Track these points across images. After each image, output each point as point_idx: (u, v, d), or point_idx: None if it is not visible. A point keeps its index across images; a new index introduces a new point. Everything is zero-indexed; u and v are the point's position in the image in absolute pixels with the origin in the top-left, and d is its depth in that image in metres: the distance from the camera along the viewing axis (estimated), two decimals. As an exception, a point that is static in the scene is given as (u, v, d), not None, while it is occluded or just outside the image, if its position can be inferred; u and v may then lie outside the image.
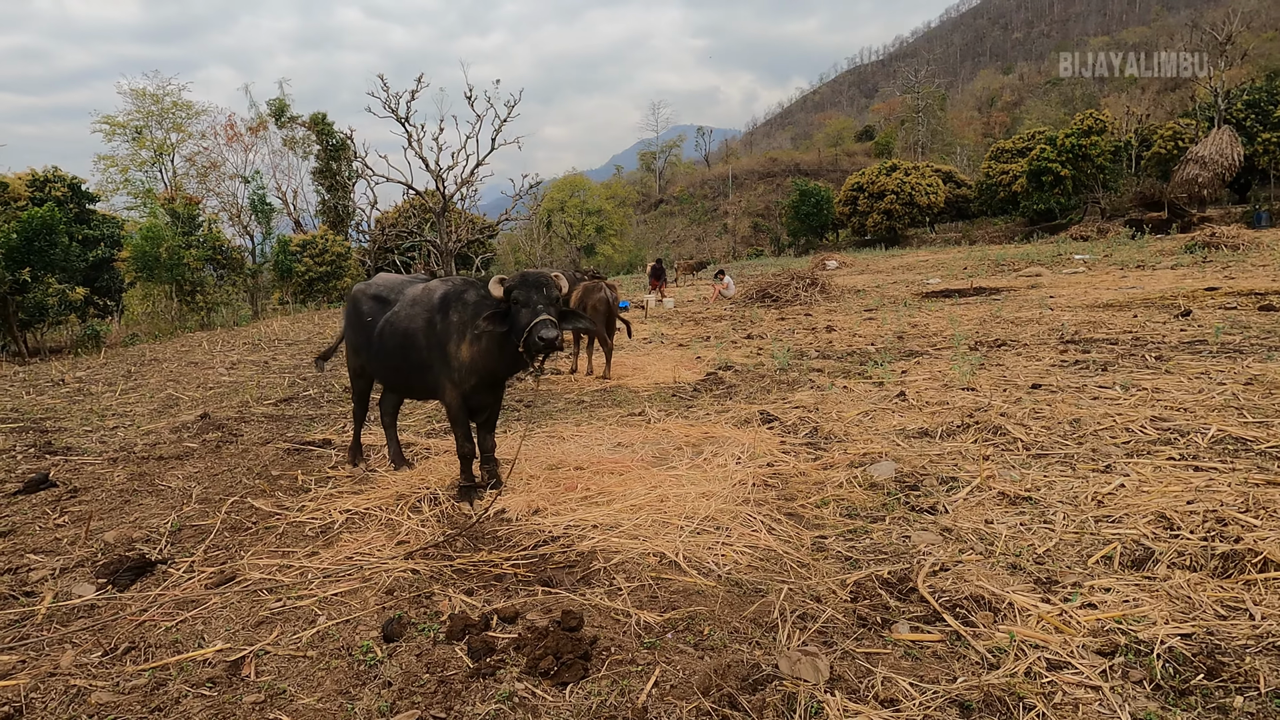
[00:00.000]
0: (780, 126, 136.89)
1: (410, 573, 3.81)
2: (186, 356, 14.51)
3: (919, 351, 9.84)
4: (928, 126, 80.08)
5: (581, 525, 4.38)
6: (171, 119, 43.31)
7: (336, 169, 42.89)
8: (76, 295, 20.80)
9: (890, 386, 7.68)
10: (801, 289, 18.00)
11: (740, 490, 4.82)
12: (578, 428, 6.81)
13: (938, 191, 48.28)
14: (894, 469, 5.08)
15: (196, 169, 43.00)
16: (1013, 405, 6.54)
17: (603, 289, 9.29)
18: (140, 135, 42.10)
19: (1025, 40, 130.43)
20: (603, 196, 71.60)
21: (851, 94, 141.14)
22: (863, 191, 49.31)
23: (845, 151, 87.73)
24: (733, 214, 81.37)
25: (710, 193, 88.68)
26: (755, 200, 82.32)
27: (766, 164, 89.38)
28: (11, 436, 7.37)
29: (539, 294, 4.43)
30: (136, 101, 42.31)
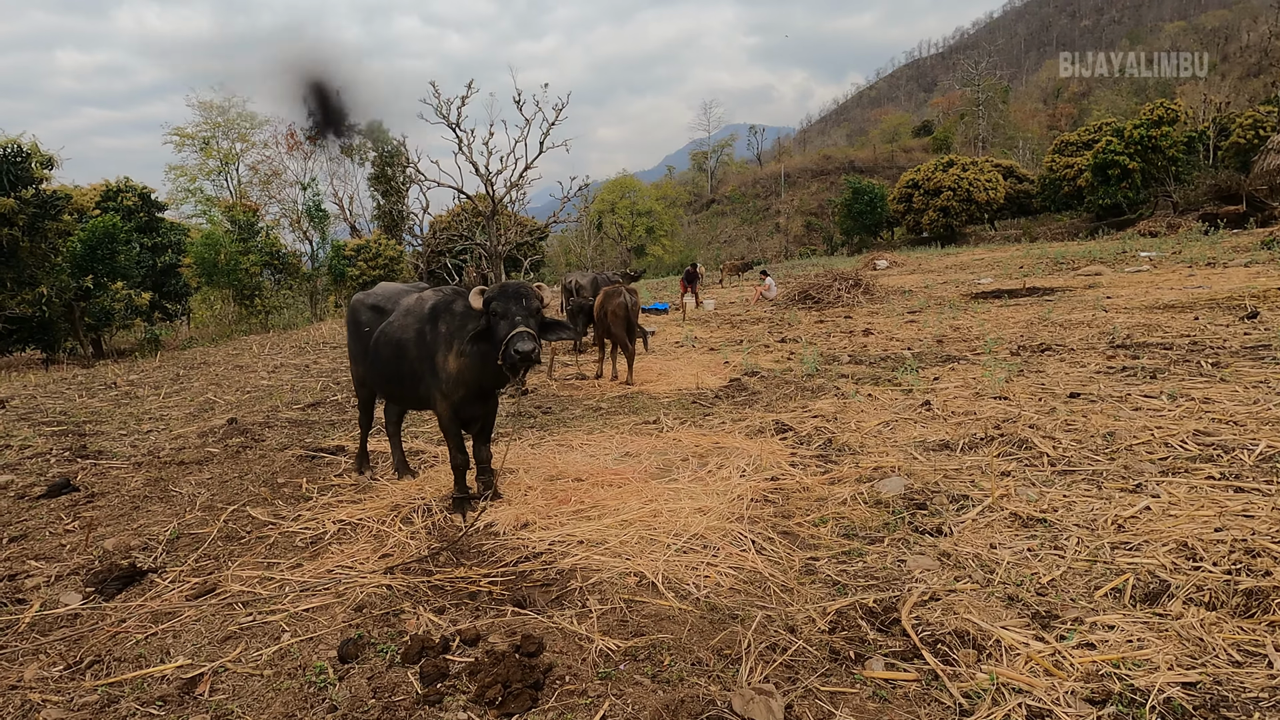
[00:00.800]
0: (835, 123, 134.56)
1: (385, 588, 3.76)
2: (235, 360, 14.97)
3: (957, 357, 9.43)
4: (989, 120, 77.62)
5: (567, 541, 4.27)
6: (236, 129, 44.94)
7: (391, 175, 43.85)
8: (142, 300, 21.76)
9: (918, 395, 7.35)
10: (844, 290, 17.55)
11: (737, 506, 4.64)
12: (589, 436, 6.71)
13: (997, 187, 46.62)
14: (903, 485, 4.82)
15: (259, 177, 44.57)
16: (1045, 416, 6.17)
17: (622, 294, 9.18)
18: (207, 145, 43.85)
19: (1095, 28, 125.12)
20: (653, 197, 71.58)
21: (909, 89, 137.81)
22: (918, 188, 47.98)
23: (902, 148, 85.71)
24: (785, 213, 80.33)
25: (762, 192, 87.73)
26: (808, 199, 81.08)
27: (820, 162, 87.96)
28: (52, 439, 7.67)
29: (517, 305, 4.33)
30: (204, 113, 44.06)
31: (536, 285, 4.66)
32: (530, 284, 4.58)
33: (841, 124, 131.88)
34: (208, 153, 43.15)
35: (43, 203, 15.65)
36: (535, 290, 4.51)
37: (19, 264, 15.35)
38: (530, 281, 4.75)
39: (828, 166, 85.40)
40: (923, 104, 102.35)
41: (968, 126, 79.73)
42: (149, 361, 16.18)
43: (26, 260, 15.43)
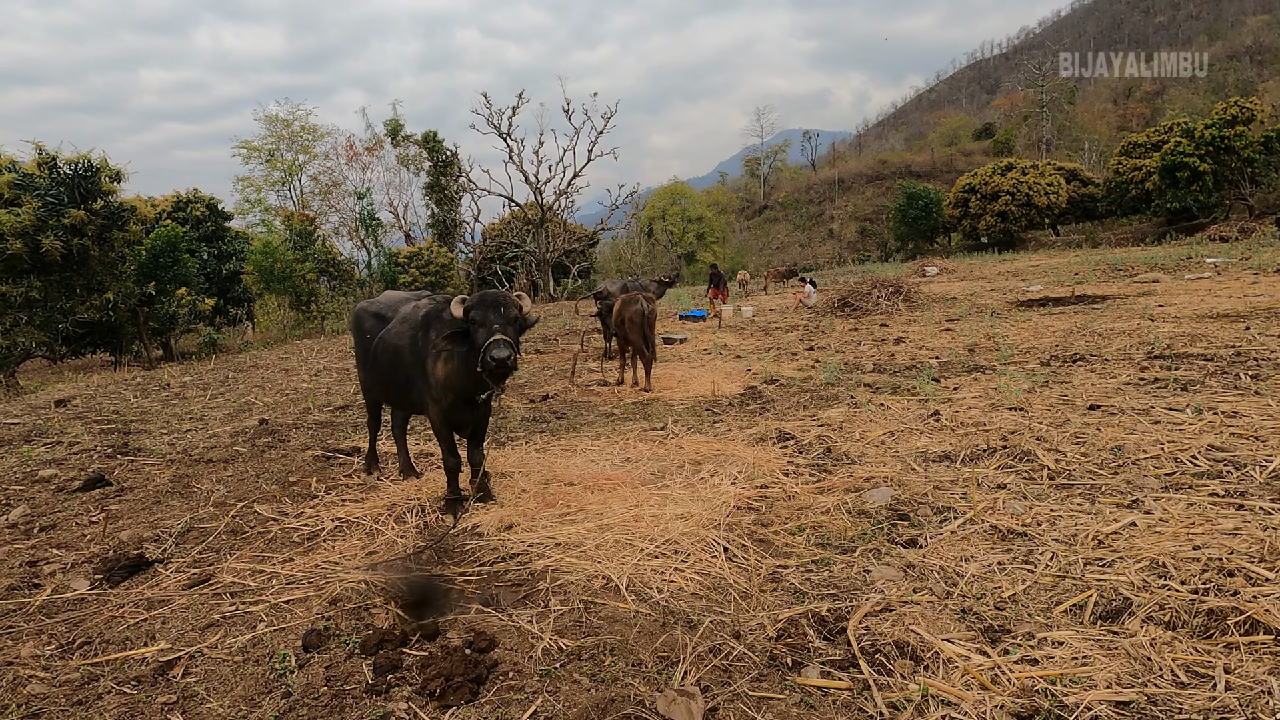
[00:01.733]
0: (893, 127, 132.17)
1: (364, 584, 3.92)
2: (282, 363, 15.61)
3: (984, 366, 9.22)
4: (1053, 122, 75.23)
5: (545, 543, 4.37)
6: (300, 141, 46.74)
7: (445, 184, 44.93)
8: (205, 306, 22.85)
9: (932, 405, 7.23)
10: (884, 298, 17.28)
11: (719, 513, 4.67)
12: (594, 441, 6.81)
13: (1059, 191, 45.07)
14: (889, 496, 4.78)
15: (320, 187, 46.21)
16: (1056, 429, 6.02)
17: (639, 301, 9.26)
18: (272, 157, 45.70)
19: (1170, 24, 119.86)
20: (704, 204, 71.57)
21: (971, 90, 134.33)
22: (975, 193, 46.76)
23: (961, 151, 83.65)
24: (839, 219, 79.24)
25: (816, 197, 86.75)
26: (862, 204, 79.80)
27: (875, 166, 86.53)
28: (99, 436, 8.17)
29: (495, 314, 4.44)
30: (270, 127, 45.99)
31: (517, 295, 4.75)
32: (510, 293, 4.67)
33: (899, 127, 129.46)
34: (272, 164, 45.04)
35: (110, 214, 16.68)
36: (515, 299, 4.62)
37: (89, 272, 16.40)
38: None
39: (883, 171, 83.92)
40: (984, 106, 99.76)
41: (1031, 129, 77.39)
42: (204, 364, 16.99)
43: (95, 268, 16.47)
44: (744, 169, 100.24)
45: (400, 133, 47.82)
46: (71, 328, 16.26)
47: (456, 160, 43.33)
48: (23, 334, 15.10)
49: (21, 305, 15.05)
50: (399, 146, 48.33)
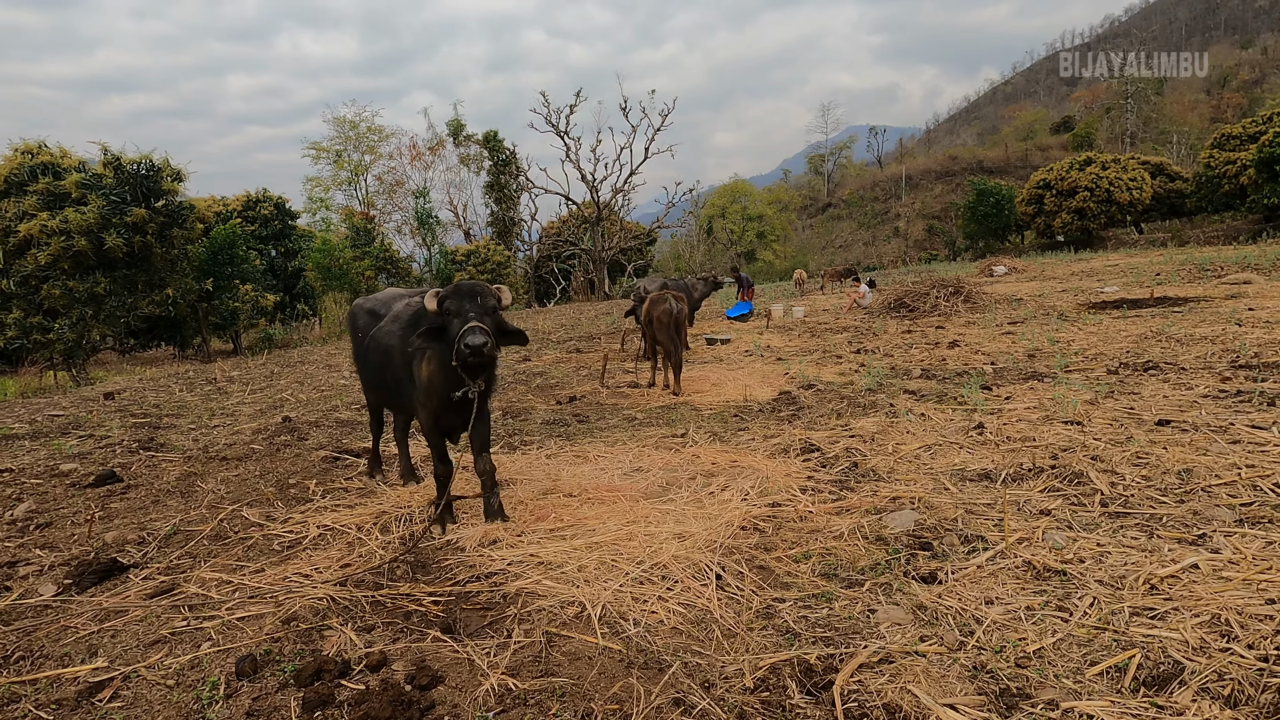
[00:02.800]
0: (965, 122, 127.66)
1: (328, 600, 3.67)
2: (330, 359, 15.79)
3: (1044, 374, 8.50)
4: (1138, 114, 71.26)
5: (527, 562, 4.05)
6: (366, 142, 47.88)
7: (504, 183, 45.35)
8: (267, 301, 23.46)
9: (979, 415, 6.63)
10: (942, 298, 16.41)
11: (721, 533, 4.26)
12: (609, 448, 6.47)
13: (1142, 186, 42.50)
14: (913, 521, 4.28)
15: (384, 187, 47.24)
16: (1116, 446, 5.37)
17: (667, 301, 8.87)
18: (340, 158, 46.93)
19: (1271, 8, 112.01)
20: (765, 201, 70.46)
21: (1050, 82, 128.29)
22: (1049, 189, 44.55)
23: (1037, 146, 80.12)
24: (905, 217, 76.91)
25: (882, 195, 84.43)
26: (931, 202, 77.24)
27: (945, 163, 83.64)
28: (130, 430, 8.26)
29: (471, 304, 4.19)
30: (338, 128, 47.26)
31: (496, 287, 4.45)
32: (488, 285, 4.40)
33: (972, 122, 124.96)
34: (339, 164, 46.29)
35: (171, 212, 17.25)
36: (493, 290, 4.34)
37: (151, 268, 16.99)
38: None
39: (953, 167, 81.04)
40: (1063, 99, 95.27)
41: (1114, 121, 73.55)
42: (257, 359, 17.35)
43: (157, 265, 17.06)
44: (807, 166, 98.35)
45: (461, 132, 48.48)
46: (135, 322, 16.90)
47: (515, 159, 43.67)
48: (89, 328, 15.75)
49: (88, 300, 15.70)
50: (460, 146, 49.00)
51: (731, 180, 72.51)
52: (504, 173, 44.86)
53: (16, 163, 16.06)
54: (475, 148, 48.08)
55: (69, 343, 15.45)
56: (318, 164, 46.43)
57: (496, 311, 4.30)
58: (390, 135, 47.25)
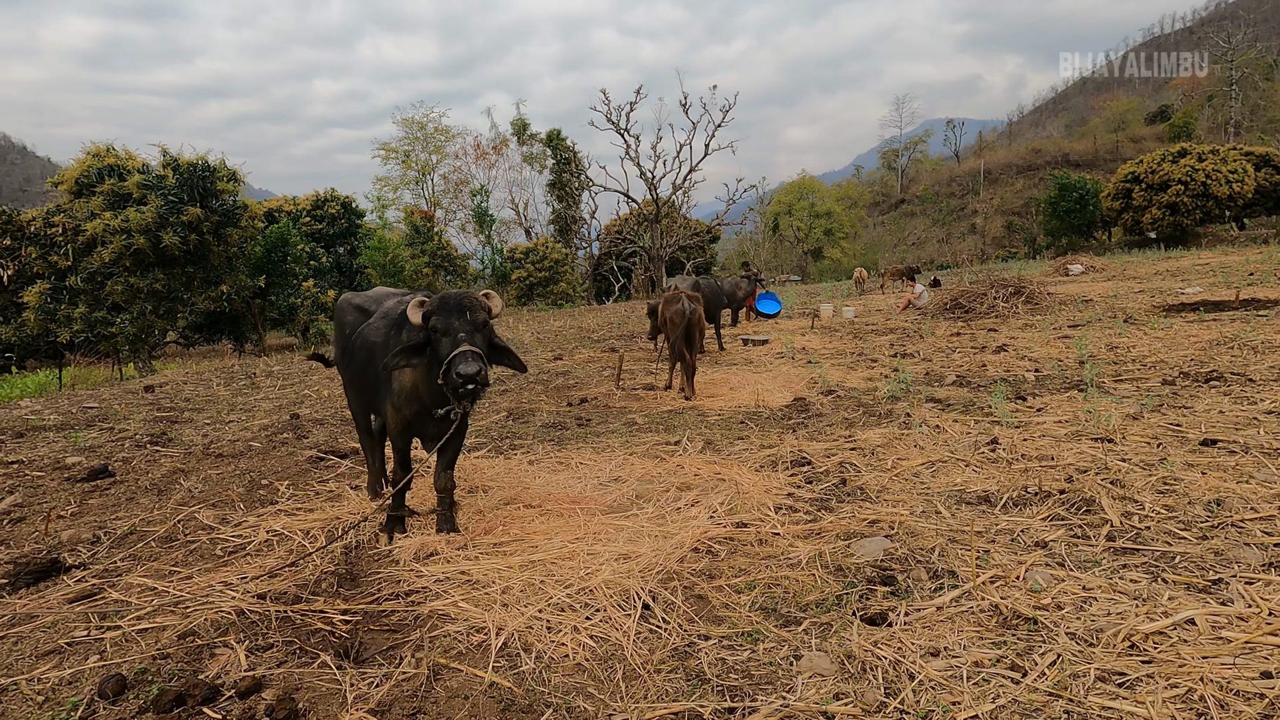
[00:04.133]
0: (1052, 113, 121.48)
1: (238, 614, 3.51)
2: (373, 355, 16.02)
3: (1091, 383, 7.77)
4: (1244, 102, 66.34)
5: (455, 579, 3.81)
6: (433, 142, 48.92)
7: (566, 181, 45.59)
8: (326, 298, 24.13)
9: (1000, 429, 6.06)
10: (1001, 299, 15.46)
11: (669, 555, 3.92)
12: (596, 455, 6.18)
13: (1244, 179, 39.42)
14: (883, 549, 3.84)
15: (450, 186, 48.20)
16: (1143, 469, 4.77)
17: (681, 301, 8.50)
18: (408, 158, 48.11)
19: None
20: (833, 198, 68.80)
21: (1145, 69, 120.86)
22: (1138, 183, 41.85)
23: (1130, 137, 75.62)
24: (983, 213, 73.87)
25: (958, 190, 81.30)
26: (1011, 197, 73.91)
27: (1028, 156, 79.86)
28: (148, 424, 8.45)
29: (461, 320, 3.85)
30: (406, 129, 48.45)
31: (484, 294, 4.19)
32: (477, 293, 4.12)
33: (1059, 113, 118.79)
34: (407, 164, 47.46)
35: (226, 211, 17.91)
36: (482, 300, 4.03)
37: (207, 265, 17.70)
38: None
39: (1036, 161, 77.27)
40: (1160, 87, 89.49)
41: (1216, 110, 68.75)
42: (305, 353, 17.79)
43: (214, 262, 17.75)
44: (880, 161, 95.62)
45: (525, 131, 48.99)
46: (192, 317, 17.67)
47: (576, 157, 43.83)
48: (149, 322, 16.52)
49: (148, 296, 16.48)
50: (524, 145, 49.52)
51: (799, 177, 70.99)
52: (566, 171, 45.10)
53: (86, 165, 17.02)
54: (539, 146, 48.52)
55: (130, 336, 16.24)
56: (387, 164, 47.74)
57: (487, 326, 3.99)
58: (456, 135, 48.15)
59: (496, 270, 32.11)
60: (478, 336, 3.88)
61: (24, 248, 16.50)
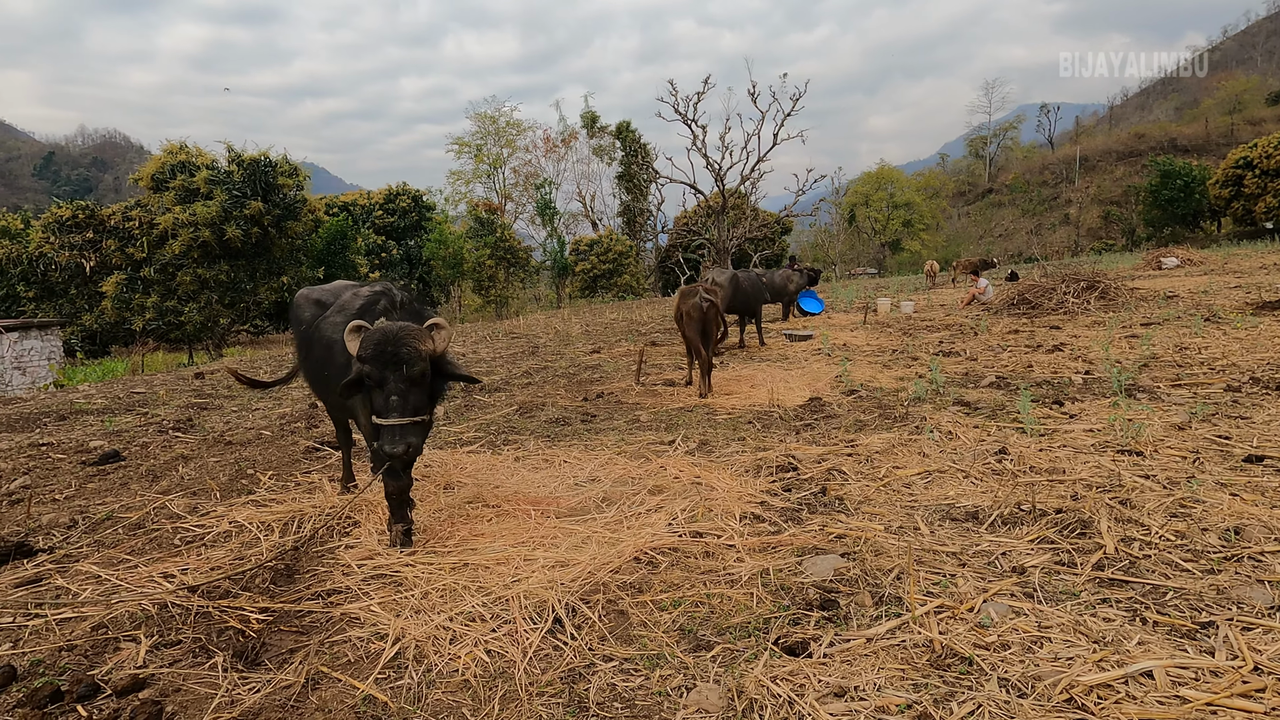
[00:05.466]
0: (1160, 95, 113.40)
1: (158, 607, 3.50)
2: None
3: (1146, 388, 7.07)
4: (1383, 77, 60.19)
5: (384, 578, 3.71)
6: (505, 136, 49.64)
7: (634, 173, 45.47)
8: (391, 289, 24.74)
9: (1017, 437, 5.55)
10: (1072, 295, 14.41)
11: (605, 565, 3.70)
12: (583, 453, 6.00)
13: (1376, 164, 35.77)
14: (832, 569, 3.51)
15: (520, 178, 48.84)
16: (1162, 488, 4.24)
17: (698, 294, 8.19)
18: (480, 152, 48.99)
19: None
20: (913, 188, 66.22)
21: (1270, 45, 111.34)
22: (1251, 168, 38.53)
23: (1247, 119, 69.85)
24: (1078, 202, 69.74)
25: (1051, 179, 77.05)
26: (1109, 186, 69.53)
27: (1129, 142, 74.91)
28: (179, 410, 8.77)
29: (395, 374, 3.41)
30: (479, 124, 49.34)
31: (428, 326, 3.66)
32: (416, 333, 3.55)
33: (1168, 95, 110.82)
34: (479, 158, 48.36)
35: (287, 205, 18.61)
36: (420, 345, 3.49)
37: (270, 258, 18.47)
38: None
39: (1139, 147, 72.39)
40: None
41: (1350, 88, 62.63)
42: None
43: (276, 254, 18.51)
44: (967, 150, 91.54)
45: (595, 124, 49.12)
46: (255, 307, 18.49)
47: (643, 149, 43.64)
48: (215, 312, 17.40)
49: (214, 286, 17.35)
50: (594, 137, 49.67)
51: (878, 167, 68.67)
52: (634, 163, 44.98)
53: (161, 162, 18.03)
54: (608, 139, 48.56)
55: (198, 325, 17.13)
56: (460, 159, 48.77)
57: (425, 377, 3.55)
58: (527, 129, 48.71)
59: (558, 262, 32.31)
60: (414, 394, 3.48)
61: (104, 240, 17.63)
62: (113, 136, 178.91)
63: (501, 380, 10.26)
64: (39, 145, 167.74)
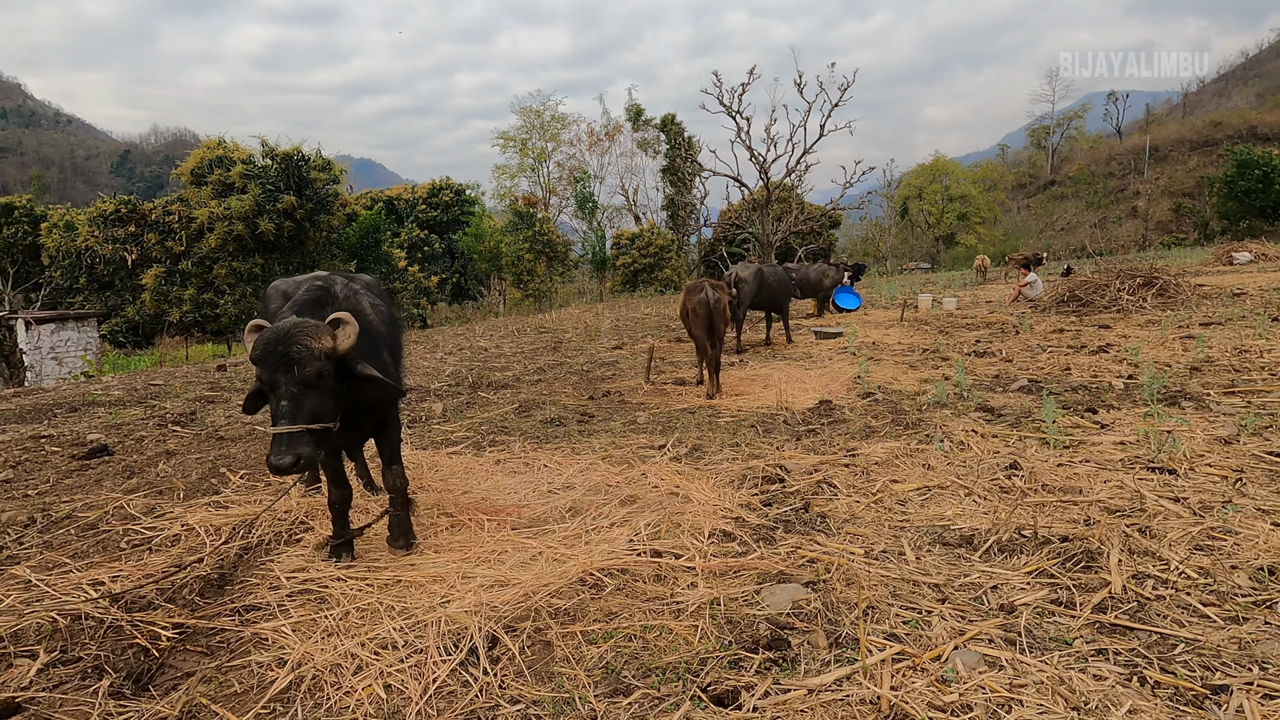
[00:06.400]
0: (1240, 81, 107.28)
1: (72, 618, 3.30)
2: (453, 340, 16.26)
3: (1194, 395, 6.43)
4: None
5: (308, 594, 3.46)
6: (549, 130, 49.67)
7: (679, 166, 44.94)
8: (430, 283, 24.91)
9: (1030, 451, 5.03)
10: (1127, 291, 13.49)
11: (549, 586, 3.38)
12: (566, 456, 5.68)
13: None
14: (789, 602, 3.12)
15: (564, 172, 48.81)
16: (1191, 514, 3.72)
17: (704, 289, 7.78)
18: (525, 146, 49.11)
19: None
20: (969, 180, 63.92)
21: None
22: (1338, 157, 35.98)
23: (1338, 104, 65.36)
24: (1147, 194, 66.38)
25: (1118, 170, 73.51)
26: (1182, 177, 65.97)
27: (1204, 130, 70.98)
28: (186, 403, 8.77)
29: (286, 376, 3.04)
30: (525, 118, 49.45)
31: (333, 319, 3.25)
32: (312, 329, 3.14)
33: (1250, 81, 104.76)
34: (524, 152, 48.48)
35: (319, 200, 18.79)
36: (315, 343, 3.09)
37: (304, 251, 18.69)
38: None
39: (1215, 135, 68.46)
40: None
41: None
42: (398, 337, 18.33)
43: (310, 248, 18.72)
44: (1028, 140, 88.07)
45: (640, 117, 48.72)
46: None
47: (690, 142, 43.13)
48: (250, 304, 17.73)
49: (248, 279, 17.67)
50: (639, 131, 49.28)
51: (933, 159, 66.54)
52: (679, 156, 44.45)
53: (200, 157, 18.41)
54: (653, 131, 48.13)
55: (233, 317, 17.46)
56: (505, 153, 48.96)
57: (323, 377, 3.12)
58: (572, 123, 48.61)
59: (596, 256, 32.09)
60: (309, 399, 3.09)
61: (146, 234, 18.08)
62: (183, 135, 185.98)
63: (512, 377, 10.03)
64: (116, 144, 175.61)
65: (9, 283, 25.34)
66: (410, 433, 6.84)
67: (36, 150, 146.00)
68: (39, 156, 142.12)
